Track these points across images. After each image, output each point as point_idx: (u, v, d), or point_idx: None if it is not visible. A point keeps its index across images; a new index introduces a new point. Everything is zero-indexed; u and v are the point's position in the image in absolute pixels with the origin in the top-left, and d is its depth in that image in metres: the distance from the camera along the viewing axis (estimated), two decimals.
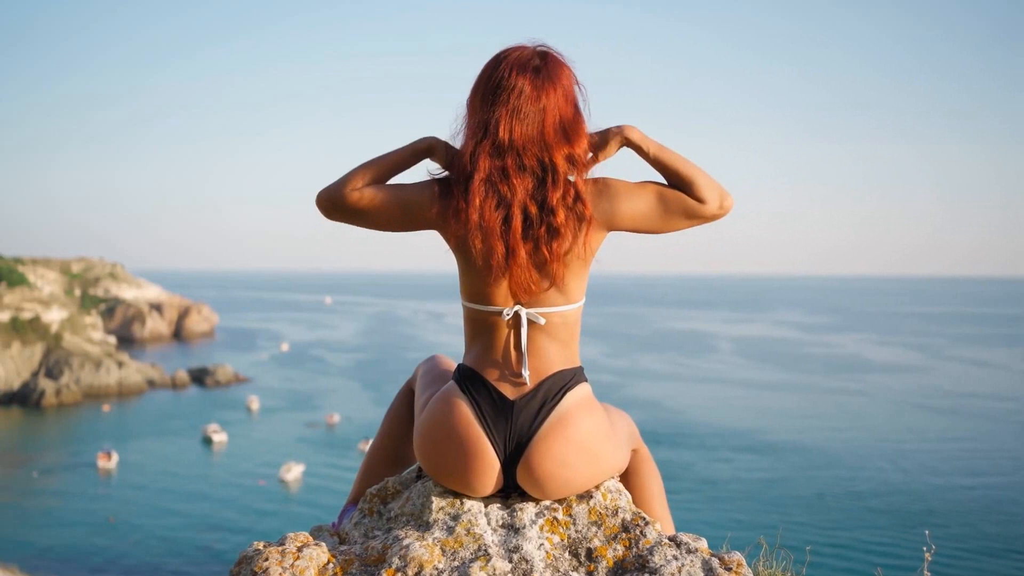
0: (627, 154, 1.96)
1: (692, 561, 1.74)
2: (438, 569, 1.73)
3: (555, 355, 1.90)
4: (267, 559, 1.77)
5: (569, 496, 1.91)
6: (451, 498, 1.92)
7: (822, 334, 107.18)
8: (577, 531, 1.85)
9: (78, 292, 78.67)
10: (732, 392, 59.90)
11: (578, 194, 1.84)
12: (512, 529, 1.84)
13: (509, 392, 1.87)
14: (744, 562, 1.76)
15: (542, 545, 1.80)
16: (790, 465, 39.26)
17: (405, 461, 2.24)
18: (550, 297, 1.89)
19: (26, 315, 61.16)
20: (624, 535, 1.83)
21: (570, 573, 1.74)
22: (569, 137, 1.86)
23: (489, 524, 1.86)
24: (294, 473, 38.44)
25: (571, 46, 2.01)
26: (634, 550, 1.80)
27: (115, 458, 40.99)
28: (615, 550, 1.80)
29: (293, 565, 1.75)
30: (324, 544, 1.85)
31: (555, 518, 1.86)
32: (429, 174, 1.95)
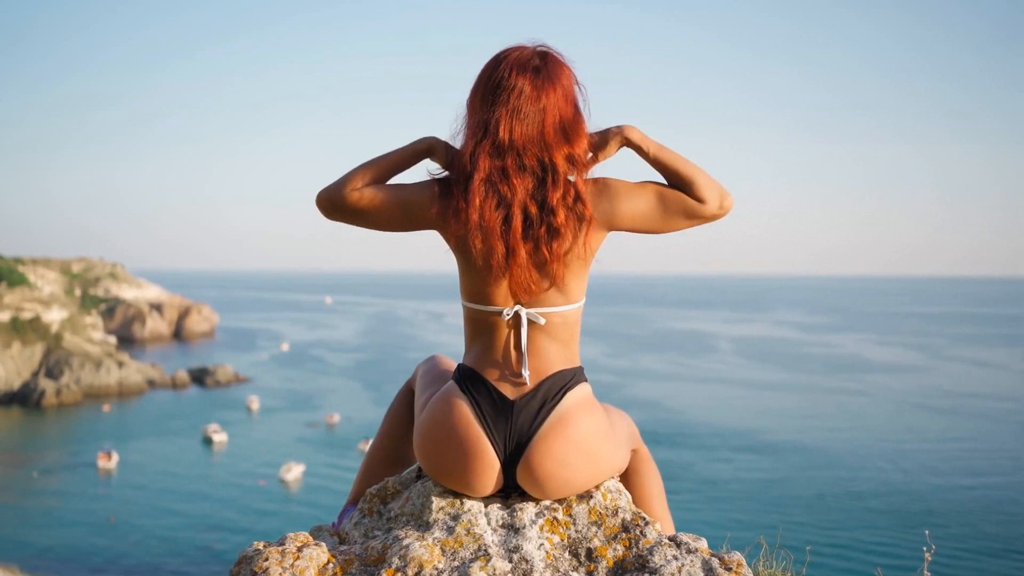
0: (627, 154, 1.96)
1: (692, 561, 1.74)
2: (438, 569, 1.72)
3: (555, 355, 1.90)
4: (267, 559, 1.77)
5: (569, 496, 1.91)
6: (451, 498, 1.92)
7: (822, 334, 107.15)
8: (577, 531, 1.85)
9: (78, 292, 78.67)
10: (732, 392, 59.89)
11: (578, 194, 1.84)
12: (512, 529, 1.84)
13: (509, 392, 1.87)
14: (744, 562, 1.76)
15: (542, 545, 1.80)
16: (790, 465, 39.25)
17: (405, 461, 2.23)
18: (550, 297, 1.89)
19: (26, 315, 61.17)
20: (624, 535, 1.83)
21: (570, 573, 1.74)
22: (569, 137, 1.86)
23: (489, 524, 1.86)
24: (294, 473, 38.45)
25: (571, 46, 2.01)
26: (634, 550, 1.79)
27: (115, 458, 41.00)
28: (615, 550, 1.80)
29: (293, 565, 1.75)
30: (324, 544, 1.85)
31: (555, 518, 1.86)
32: (429, 174, 1.95)
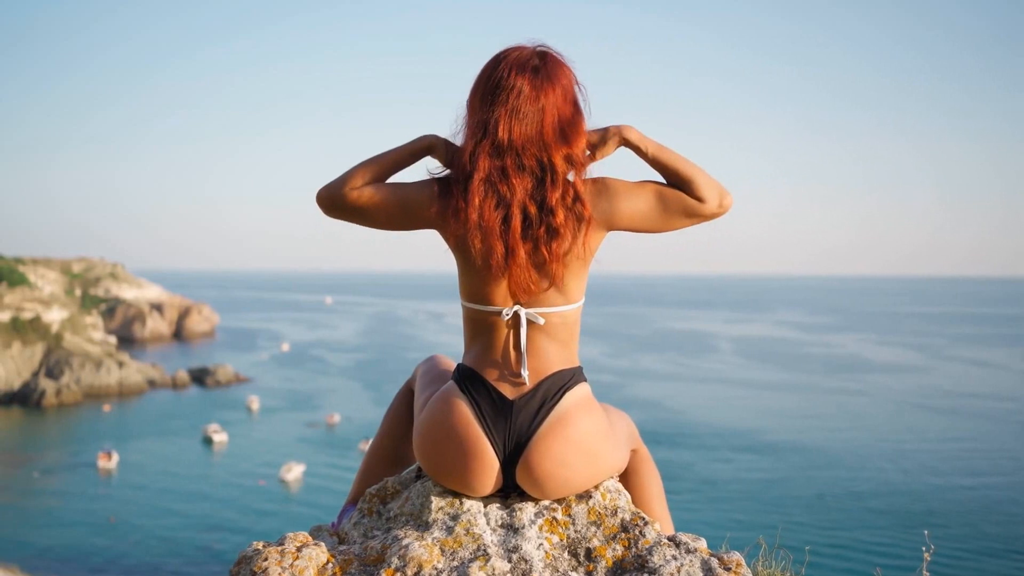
0: (626, 152, 1.96)
1: (691, 561, 1.74)
2: (437, 569, 1.72)
3: (554, 355, 1.90)
4: (266, 559, 1.77)
5: (568, 496, 1.90)
6: (450, 498, 1.92)
7: (822, 334, 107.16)
8: (576, 531, 1.85)
9: (79, 292, 78.69)
10: (732, 392, 59.89)
11: (577, 194, 1.84)
12: (511, 529, 1.84)
13: (508, 392, 1.87)
14: (743, 562, 1.76)
15: (541, 545, 1.80)
16: (790, 465, 39.25)
17: (405, 461, 2.23)
18: (549, 297, 1.89)
19: (27, 315, 61.18)
20: (623, 535, 1.83)
21: (569, 573, 1.74)
22: (568, 137, 1.85)
23: (488, 524, 1.86)
24: (294, 473, 38.45)
25: (571, 46, 2.01)
26: (633, 550, 1.79)
27: (115, 458, 41.01)
28: (614, 550, 1.80)
29: (292, 565, 1.75)
30: (323, 544, 1.85)
31: (554, 518, 1.86)
32: (428, 173, 1.95)
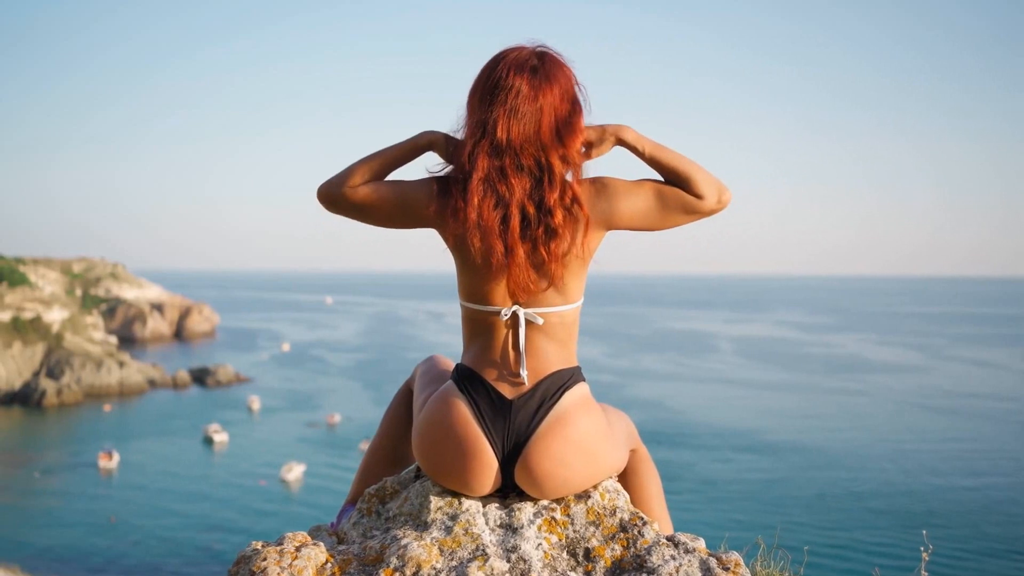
0: (625, 150, 1.96)
1: (690, 561, 1.74)
2: (436, 569, 1.72)
3: (553, 355, 1.90)
4: (265, 559, 1.77)
5: (567, 496, 1.91)
6: (449, 498, 1.92)
7: (822, 334, 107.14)
8: (575, 531, 1.85)
9: (79, 292, 78.70)
10: (732, 392, 59.89)
11: (575, 195, 1.84)
12: (510, 529, 1.84)
13: (507, 392, 1.87)
14: (742, 562, 1.76)
15: (540, 545, 1.80)
16: (790, 465, 39.24)
17: (404, 461, 2.23)
18: (548, 297, 1.89)
19: (27, 315, 61.19)
20: (622, 535, 1.83)
21: (568, 573, 1.74)
22: (566, 137, 1.86)
23: (487, 524, 1.86)
24: (295, 473, 38.46)
25: (571, 46, 2.01)
26: (632, 550, 1.79)
27: (116, 458, 41.04)
28: (613, 550, 1.80)
29: (291, 565, 1.75)
30: (322, 544, 1.85)
31: (553, 518, 1.86)
32: (428, 172, 1.95)
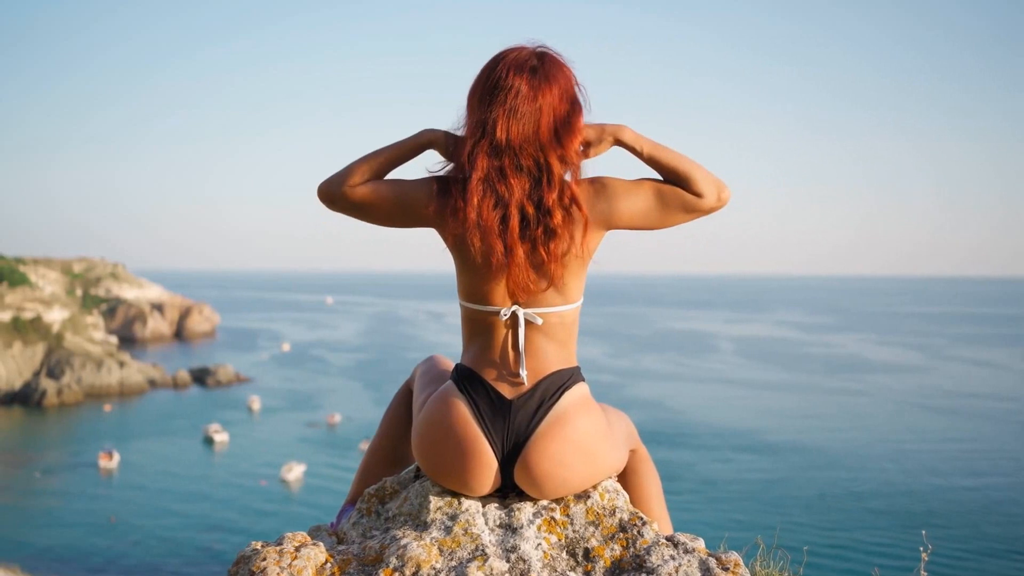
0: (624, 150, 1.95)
1: (689, 561, 1.74)
2: (435, 569, 1.73)
3: (553, 355, 1.90)
4: (265, 559, 1.77)
5: (567, 496, 1.91)
6: (449, 498, 1.92)
7: (822, 334, 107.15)
8: (575, 531, 1.85)
9: (79, 292, 78.73)
10: (732, 392, 59.90)
11: (574, 195, 1.84)
12: (510, 529, 1.84)
13: (507, 392, 1.87)
14: (741, 562, 1.76)
15: (539, 545, 1.80)
16: (790, 465, 39.24)
17: (404, 461, 2.23)
18: (548, 297, 1.89)
19: (27, 315, 61.20)
20: (621, 535, 1.83)
21: (567, 573, 1.74)
22: (564, 137, 1.86)
23: (487, 524, 1.86)
24: (295, 473, 38.46)
25: (571, 46, 2.01)
26: (631, 550, 1.80)
27: (116, 458, 41.05)
28: (612, 550, 1.80)
29: (291, 565, 1.75)
30: (322, 544, 1.85)
31: (553, 518, 1.86)
32: (428, 172, 1.95)
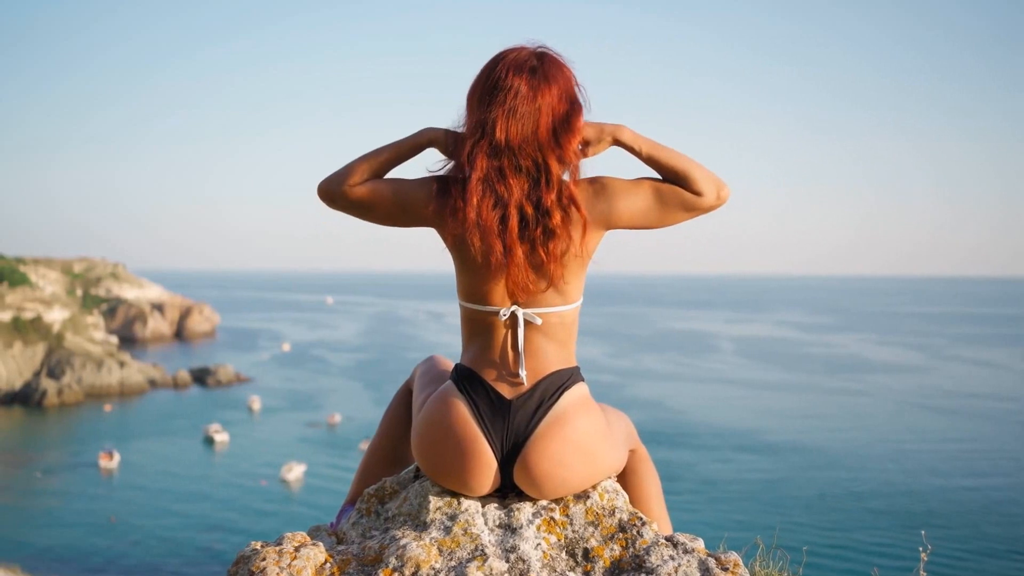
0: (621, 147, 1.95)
1: (689, 561, 1.74)
2: (435, 569, 1.73)
3: (552, 355, 1.90)
4: (264, 559, 1.77)
5: (566, 496, 1.91)
6: (448, 498, 1.92)
7: (822, 334, 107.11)
8: (574, 531, 1.85)
9: (80, 292, 78.71)
10: (732, 392, 59.88)
11: (572, 196, 1.85)
12: (509, 529, 1.84)
13: (506, 392, 1.87)
14: (740, 562, 1.76)
15: (539, 545, 1.80)
16: (790, 465, 39.23)
17: (403, 461, 2.23)
18: (548, 297, 1.89)
19: (28, 315, 61.20)
20: (621, 535, 1.83)
21: (567, 573, 1.74)
22: (563, 137, 1.85)
23: (486, 524, 1.86)
24: (295, 473, 38.46)
25: (571, 46, 2.01)
26: (631, 550, 1.80)
27: (117, 458, 41.05)
28: (612, 550, 1.80)
29: (290, 565, 1.75)
30: (321, 544, 1.85)
31: (552, 518, 1.86)
32: (427, 171, 1.95)
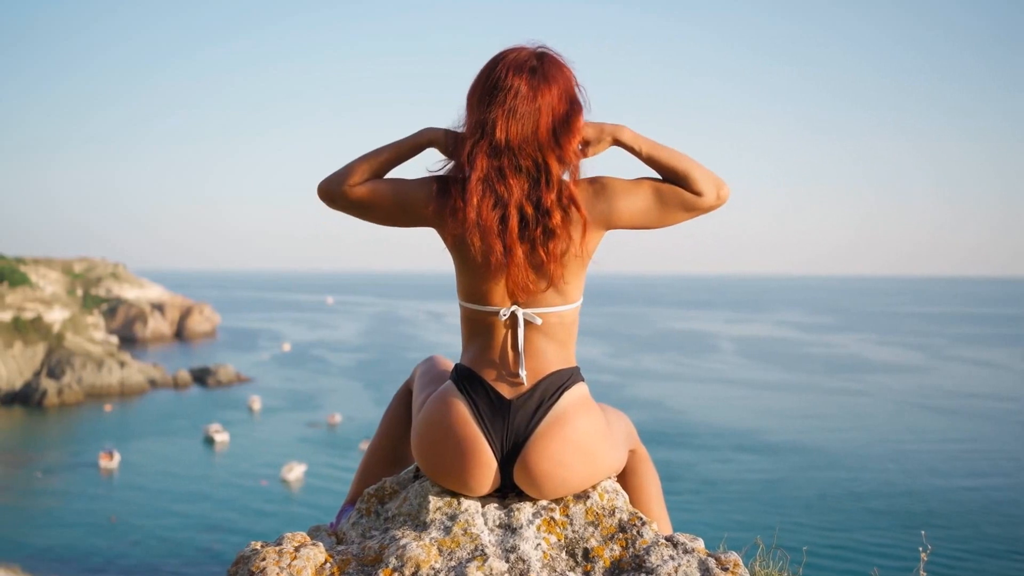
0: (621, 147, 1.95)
1: (688, 561, 1.74)
2: (435, 569, 1.73)
3: (552, 355, 1.90)
4: (264, 559, 1.77)
5: (566, 496, 1.91)
6: (448, 498, 1.92)
7: (822, 334, 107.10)
8: (574, 531, 1.85)
9: (80, 292, 78.70)
10: (732, 392, 59.88)
11: (572, 196, 1.85)
12: (509, 529, 1.84)
13: (506, 392, 1.87)
14: (740, 562, 1.76)
15: (539, 545, 1.80)
16: (790, 465, 39.23)
17: (403, 461, 2.23)
18: (548, 297, 1.89)
19: (28, 315, 61.19)
20: (621, 535, 1.83)
21: (567, 573, 1.74)
22: (563, 137, 1.85)
23: (486, 524, 1.86)
24: (296, 473, 38.46)
25: (571, 46, 2.01)
26: (631, 550, 1.80)
27: (117, 458, 41.04)
28: (612, 550, 1.80)
29: (290, 565, 1.75)
30: (321, 544, 1.85)
31: (552, 518, 1.86)
32: (427, 171, 1.95)
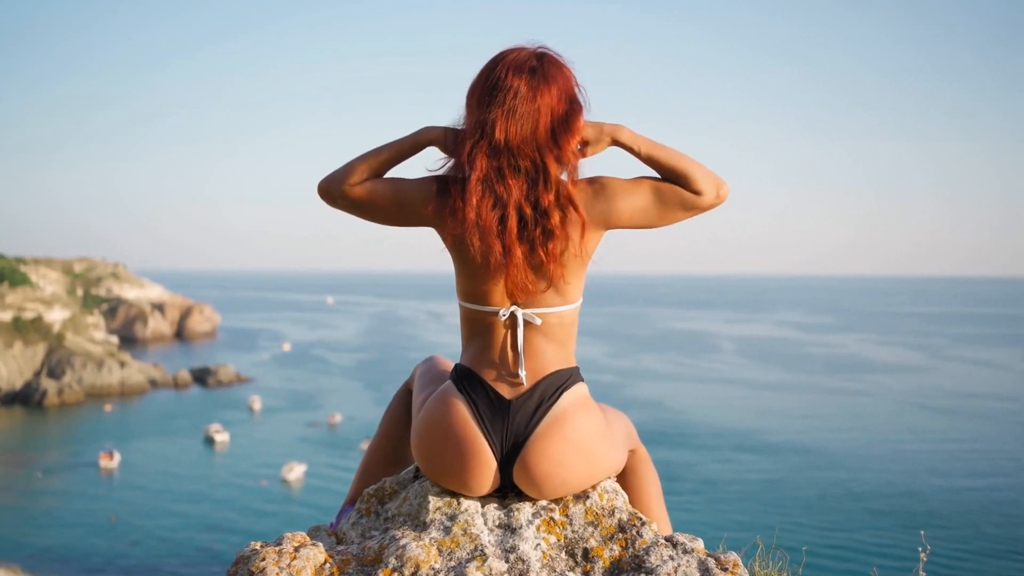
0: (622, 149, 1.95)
1: (688, 561, 1.74)
2: (434, 569, 1.73)
3: (552, 355, 1.90)
4: (264, 559, 1.77)
5: (566, 496, 1.91)
6: (448, 498, 1.92)
7: (822, 334, 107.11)
8: (574, 531, 1.85)
9: (80, 292, 78.71)
10: (732, 392, 59.88)
11: (571, 196, 1.85)
12: (509, 529, 1.84)
13: (506, 392, 1.87)
14: (740, 562, 1.76)
15: (538, 545, 1.80)
16: (790, 465, 39.24)
17: (403, 462, 2.24)
18: (547, 298, 1.89)
19: (28, 315, 61.20)
20: (620, 535, 1.83)
21: (566, 573, 1.74)
22: (561, 137, 1.85)
23: (486, 524, 1.86)
24: (296, 473, 38.46)
25: (571, 46, 2.01)
26: (630, 550, 1.80)
27: (117, 458, 41.05)
28: (611, 550, 1.80)
29: (290, 565, 1.75)
30: (321, 544, 1.86)
31: (552, 518, 1.86)
32: (427, 171, 1.96)
